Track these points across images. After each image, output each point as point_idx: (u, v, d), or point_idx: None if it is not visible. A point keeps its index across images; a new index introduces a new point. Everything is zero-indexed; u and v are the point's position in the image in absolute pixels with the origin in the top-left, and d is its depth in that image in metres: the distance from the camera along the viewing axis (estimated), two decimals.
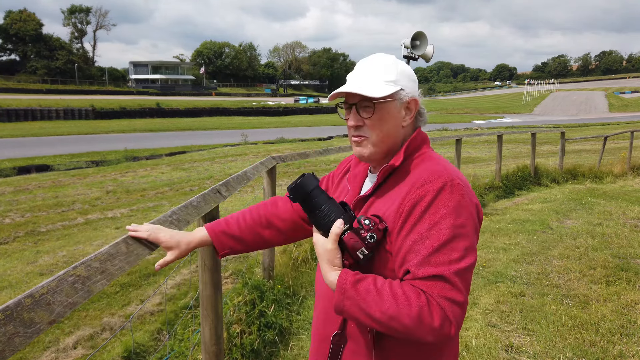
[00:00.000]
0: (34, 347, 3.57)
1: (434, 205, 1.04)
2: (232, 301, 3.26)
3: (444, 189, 1.05)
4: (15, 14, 75.12)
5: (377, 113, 1.15)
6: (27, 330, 0.96)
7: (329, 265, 1.08)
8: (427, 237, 1.02)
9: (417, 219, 1.04)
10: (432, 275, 1.00)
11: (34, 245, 6.96)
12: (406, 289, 1.00)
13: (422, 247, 1.02)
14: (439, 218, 1.03)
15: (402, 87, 1.16)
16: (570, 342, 3.17)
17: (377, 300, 1.00)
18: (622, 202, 7.68)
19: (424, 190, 1.06)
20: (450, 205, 1.04)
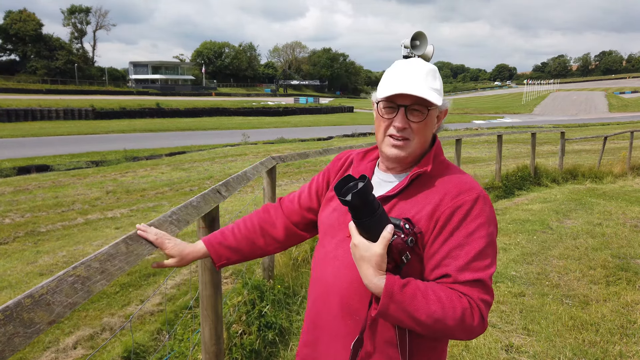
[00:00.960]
0: (34, 347, 3.57)
1: (471, 215, 1.12)
2: (232, 301, 3.26)
3: (478, 200, 1.14)
4: (15, 14, 75.11)
5: (427, 119, 1.20)
6: (26, 331, 0.96)
7: (375, 270, 1.08)
8: (466, 244, 1.10)
9: (456, 226, 1.11)
10: (474, 279, 1.08)
11: (34, 245, 6.95)
12: (448, 293, 1.07)
13: (462, 254, 1.10)
14: (476, 227, 1.11)
15: (443, 97, 1.22)
16: (570, 342, 3.17)
17: (424, 303, 1.04)
18: (622, 202, 7.68)
19: (461, 200, 1.14)
20: (484, 215, 1.13)
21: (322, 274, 1.27)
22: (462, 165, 11.28)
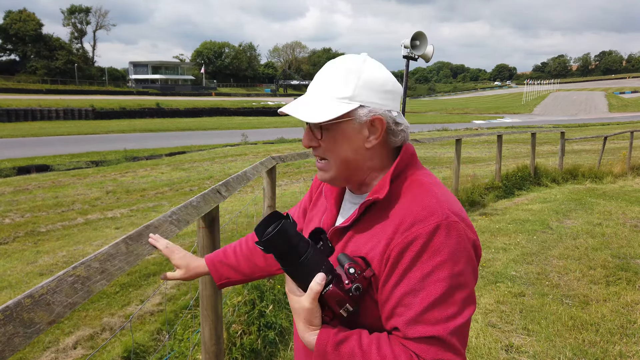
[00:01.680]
0: (34, 347, 3.57)
1: (427, 252, 0.87)
2: (232, 301, 3.26)
3: (438, 231, 0.87)
4: (15, 14, 75.13)
5: (328, 134, 0.97)
6: (26, 331, 0.96)
7: (305, 325, 0.92)
8: (420, 289, 0.86)
9: (408, 267, 0.87)
10: (427, 336, 0.85)
11: (34, 245, 6.96)
12: (397, 350, 0.86)
13: (415, 302, 0.86)
14: (433, 267, 0.86)
15: (361, 104, 0.95)
16: (570, 342, 3.17)
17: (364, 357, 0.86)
18: (622, 202, 7.69)
19: (414, 233, 0.88)
20: (446, 251, 0.87)
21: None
22: (462, 165, 11.29)
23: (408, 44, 6.16)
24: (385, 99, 0.97)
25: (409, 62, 6.45)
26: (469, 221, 0.93)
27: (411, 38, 6.16)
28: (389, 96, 0.98)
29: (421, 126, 37.25)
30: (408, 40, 6.15)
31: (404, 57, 6.37)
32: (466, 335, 0.89)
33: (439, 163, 15.39)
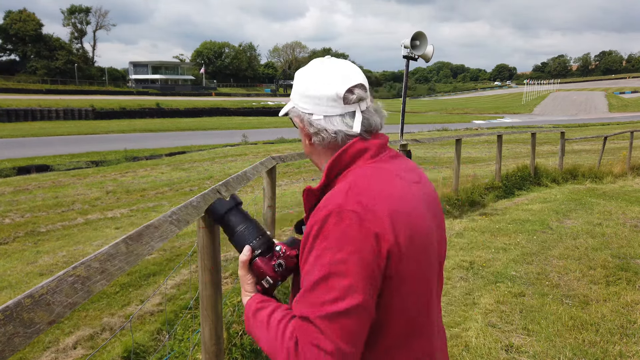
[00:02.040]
0: (34, 347, 3.57)
1: (319, 236, 0.91)
2: (232, 301, 3.26)
3: (329, 219, 0.90)
4: (15, 14, 75.13)
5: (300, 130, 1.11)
6: (26, 331, 0.96)
7: (242, 290, 1.09)
8: (310, 271, 0.91)
9: (309, 250, 0.92)
10: (301, 316, 0.90)
11: (34, 245, 6.96)
12: (288, 328, 0.92)
13: (305, 282, 0.92)
14: (321, 251, 0.89)
15: (294, 105, 1.08)
16: (570, 342, 3.17)
17: (265, 334, 0.98)
18: (622, 202, 7.69)
19: (314, 219, 0.93)
20: (332, 237, 0.89)
21: None
22: (462, 165, 11.29)
23: (408, 44, 6.16)
24: (305, 103, 1.06)
25: (409, 62, 6.45)
26: (381, 213, 0.91)
27: (411, 38, 6.16)
28: (308, 100, 1.05)
29: (421, 126, 37.24)
30: (408, 40, 6.15)
31: (404, 57, 6.37)
32: (350, 329, 0.87)
33: (439, 163, 15.39)
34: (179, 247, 6.06)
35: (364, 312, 0.88)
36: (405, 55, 6.33)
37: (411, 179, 1.04)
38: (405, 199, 0.97)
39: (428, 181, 1.12)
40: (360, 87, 1.04)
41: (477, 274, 4.52)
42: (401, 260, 0.92)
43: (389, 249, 0.90)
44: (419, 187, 1.04)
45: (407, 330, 0.98)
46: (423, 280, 0.98)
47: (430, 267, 1.00)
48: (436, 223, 1.05)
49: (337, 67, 1.06)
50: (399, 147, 6.67)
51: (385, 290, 0.92)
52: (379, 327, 0.95)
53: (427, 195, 1.06)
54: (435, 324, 1.07)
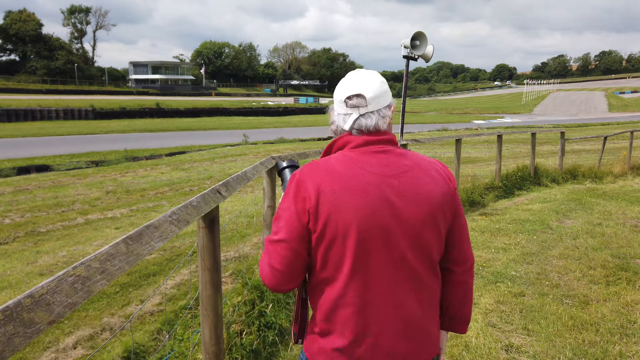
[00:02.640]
0: (34, 347, 3.57)
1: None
2: (231, 301, 3.26)
3: (290, 181, 1.34)
4: (15, 14, 75.12)
5: None
6: (26, 331, 0.96)
7: None
8: None
9: None
10: (268, 239, 1.33)
11: (34, 245, 6.96)
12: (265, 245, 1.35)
13: None
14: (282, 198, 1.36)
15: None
16: (570, 342, 3.17)
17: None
18: (622, 202, 7.69)
19: None
20: (285, 192, 1.34)
21: None
22: (462, 165, 11.24)
23: (408, 43, 6.16)
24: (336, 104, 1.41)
25: (408, 62, 6.45)
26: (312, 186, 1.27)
27: (411, 38, 6.16)
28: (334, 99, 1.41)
29: (421, 126, 37.24)
30: (408, 40, 6.15)
31: (404, 57, 6.37)
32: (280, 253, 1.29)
33: None
34: (179, 247, 6.06)
35: (288, 245, 1.28)
36: (405, 55, 6.33)
37: (379, 172, 1.30)
38: (346, 181, 1.27)
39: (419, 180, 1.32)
40: (358, 96, 1.34)
41: (477, 273, 4.52)
42: (318, 222, 1.25)
43: (309, 209, 1.26)
44: (386, 179, 1.29)
45: (330, 276, 1.30)
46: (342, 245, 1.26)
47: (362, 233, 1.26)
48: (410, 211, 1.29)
49: (352, 78, 1.39)
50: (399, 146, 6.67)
51: (313, 242, 1.28)
52: (313, 265, 1.32)
53: (404, 189, 1.30)
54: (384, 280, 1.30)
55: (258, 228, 6.18)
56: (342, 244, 1.26)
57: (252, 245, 5.66)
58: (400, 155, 1.35)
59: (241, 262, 4.85)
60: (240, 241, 5.88)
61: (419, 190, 1.31)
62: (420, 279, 1.34)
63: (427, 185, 1.32)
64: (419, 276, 1.33)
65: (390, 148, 1.35)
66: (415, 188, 1.30)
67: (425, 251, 1.33)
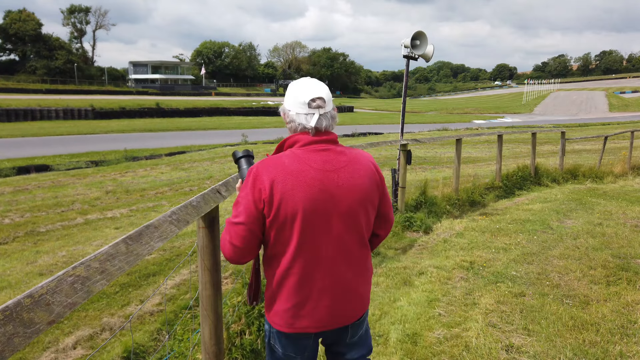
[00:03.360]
0: (34, 347, 3.57)
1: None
2: (231, 301, 3.26)
3: (248, 174, 1.60)
4: (14, 14, 75.11)
5: None
6: (26, 331, 0.96)
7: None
8: None
9: None
10: (227, 221, 1.61)
11: (34, 245, 6.95)
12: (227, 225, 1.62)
13: None
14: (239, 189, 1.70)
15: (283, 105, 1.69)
16: (571, 342, 3.16)
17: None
18: (623, 202, 7.68)
19: None
20: (244, 184, 1.60)
21: None
22: (462, 165, 11.26)
23: (408, 43, 6.16)
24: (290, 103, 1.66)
25: (409, 61, 6.45)
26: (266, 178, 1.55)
27: (411, 38, 6.15)
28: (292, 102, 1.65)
29: (421, 126, 37.25)
30: (408, 40, 6.15)
31: (404, 56, 6.36)
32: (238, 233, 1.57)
33: (439, 163, 15.39)
34: (179, 247, 6.06)
35: (246, 227, 1.56)
36: (406, 54, 6.33)
37: (321, 167, 1.59)
38: (294, 175, 1.55)
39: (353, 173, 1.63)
40: (320, 99, 1.61)
41: (478, 274, 4.51)
42: (272, 209, 1.54)
43: (264, 199, 1.54)
44: (327, 174, 1.58)
45: (280, 252, 1.61)
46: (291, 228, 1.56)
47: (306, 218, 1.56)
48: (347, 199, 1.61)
49: (310, 83, 1.66)
50: (399, 146, 6.67)
51: (267, 224, 1.57)
52: (266, 243, 1.63)
53: (342, 182, 1.60)
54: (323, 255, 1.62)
55: None
56: (290, 227, 1.56)
57: None
58: (340, 153, 1.64)
59: None
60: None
61: (354, 182, 1.62)
62: (353, 253, 1.68)
63: (360, 178, 1.64)
64: (352, 251, 1.67)
65: (331, 147, 1.63)
66: (350, 180, 1.61)
67: (359, 231, 1.67)
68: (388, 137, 25.11)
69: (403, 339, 3.27)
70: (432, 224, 6.42)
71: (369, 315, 3.66)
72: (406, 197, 6.88)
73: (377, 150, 18.53)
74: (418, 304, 3.84)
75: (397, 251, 5.36)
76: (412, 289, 4.17)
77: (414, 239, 5.84)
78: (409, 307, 3.77)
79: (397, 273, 4.58)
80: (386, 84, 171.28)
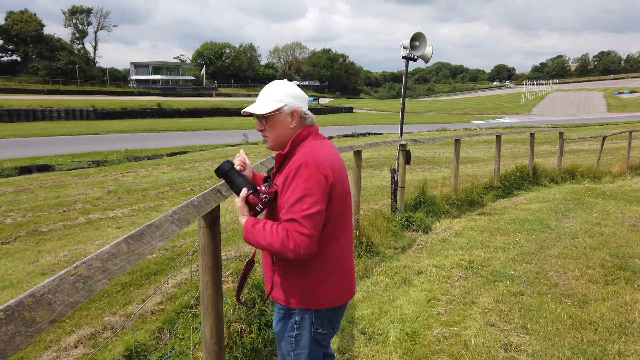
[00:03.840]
0: (35, 346, 3.59)
1: (295, 177, 1.69)
2: (232, 300, 3.28)
3: (300, 167, 1.69)
4: (16, 15, 75.12)
5: (268, 122, 1.83)
6: (28, 330, 0.97)
7: (240, 214, 1.79)
8: (291, 196, 1.68)
9: (289, 185, 1.70)
10: (289, 219, 1.66)
11: (36, 244, 6.97)
12: (279, 227, 1.67)
13: (288, 202, 1.68)
14: (297, 184, 1.68)
15: (285, 103, 1.79)
16: (569, 341, 3.18)
17: (263, 233, 1.69)
18: (621, 201, 7.70)
19: (290, 169, 1.72)
20: (302, 176, 1.68)
21: None
22: (461, 165, 11.24)
23: (407, 44, 6.18)
24: (298, 101, 1.83)
25: (408, 62, 6.47)
26: (326, 165, 1.72)
27: (410, 39, 6.17)
28: (299, 100, 1.84)
29: (420, 126, 37.22)
30: (407, 41, 6.17)
31: (404, 57, 6.38)
32: (316, 222, 1.67)
33: (438, 163, 15.39)
34: (180, 246, 6.08)
35: (322, 214, 1.69)
36: (405, 55, 6.35)
37: (336, 152, 1.85)
38: (336, 159, 1.81)
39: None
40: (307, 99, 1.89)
41: (476, 273, 4.53)
42: (335, 189, 1.74)
43: (331, 183, 1.71)
44: (339, 158, 1.86)
45: (336, 225, 1.79)
46: (343, 200, 1.80)
47: (346, 194, 1.83)
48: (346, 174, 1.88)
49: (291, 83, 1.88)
50: (398, 146, 6.68)
51: (329, 205, 1.73)
52: (326, 223, 1.75)
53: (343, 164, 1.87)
54: (349, 226, 1.90)
55: None
56: (343, 206, 1.80)
57: None
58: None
59: (242, 261, 4.87)
60: (241, 240, 5.90)
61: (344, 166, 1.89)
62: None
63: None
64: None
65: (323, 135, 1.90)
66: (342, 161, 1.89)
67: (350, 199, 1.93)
68: (387, 138, 25.10)
69: (402, 337, 3.29)
70: (431, 224, 6.44)
71: (369, 314, 3.68)
72: (405, 196, 6.90)
73: (376, 151, 18.53)
74: (417, 302, 3.86)
75: (397, 250, 5.38)
76: (411, 288, 4.19)
77: (413, 238, 5.86)
78: (408, 306, 3.79)
79: (397, 272, 4.59)
80: (385, 84, 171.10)
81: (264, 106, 1.80)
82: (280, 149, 1.85)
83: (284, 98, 1.79)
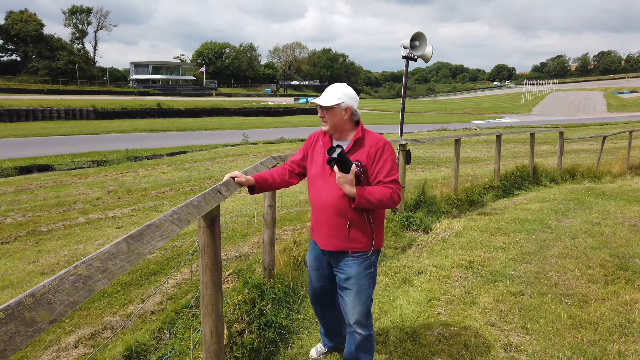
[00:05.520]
0: (35, 346, 3.59)
1: (384, 151, 2.41)
2: (232, 300, 3.27)
3: (386, 144, 2.44)
4: (16, 15, 75.10)
5: (328, 112, 2.44)
6: (28, 329, 0.97)
7: (351, 185, 2.32)
8: (385, 164, 2.39)
9: (379, 157, 2.40)
10: (392, 180, 2.37)
11: (35, 244, 6.97)
12: (383, 188, 2.35)
13: (384, 170, 2.38)
14: (388, 156, 2.41)
15: (343, 101, 2.41)
16: (569, 341, 3.18)
17: (374, 193, 2.32)
18: (621, 201, 7.70)
19: (376, 146, 2.42)
20: (390, 150, 2.44)
21: (320, 197, 2.50)
22: (461, 165, 11.26)
23: (407, 44, 6.17)
24: (352, 101, 2.45)
25: (408, 62, 6.46)
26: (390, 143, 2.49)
27: (410, 39, 6.17)
28: (353, 100, 2.46)
29: (420, 126, 37.23)
30: (407, 41, 6.16)
31: (404, 57, 6.38)
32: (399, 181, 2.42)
33: (438, 163, 15.39)
34: (180, 246, 6.08)
35: None
36: (405, 55, 6.34)
37: None
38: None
39: None
40: None
41: (476, 273, 4.53)
42: None
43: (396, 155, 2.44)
44: None
45: None
46: None
47: None
48: None
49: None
50: (398, 146, 6.68)
51: None
52: None
53: None
54: None
55: (259, 227, 6.19)
56: None
57: (252, 244, 5.67)
58: None
59: (242, 261, 4.87)
60: (241, 240, 5.90)
61: None
62: None
63: None
64: None
65: None
66: None
67: None
68: (387, 137, 25.08)
69: (402, 337, 3.29)
70: (431, 224, 6.44)
71: None
72: (405, 196, 6.90)
73: None
74: (417, 302, 3.86)
75: (397, 250, 5.38)
76: (411, 288, 4.19)
77: (413, 238, 5.86)
78: (408, 306, 3.79)
79: (397, 272, 4.59)
80: (385, 84, 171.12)
81: (327, 100, 2.40)
82: (334, 133, 2.49)
83: (343, 97, 2.40)
